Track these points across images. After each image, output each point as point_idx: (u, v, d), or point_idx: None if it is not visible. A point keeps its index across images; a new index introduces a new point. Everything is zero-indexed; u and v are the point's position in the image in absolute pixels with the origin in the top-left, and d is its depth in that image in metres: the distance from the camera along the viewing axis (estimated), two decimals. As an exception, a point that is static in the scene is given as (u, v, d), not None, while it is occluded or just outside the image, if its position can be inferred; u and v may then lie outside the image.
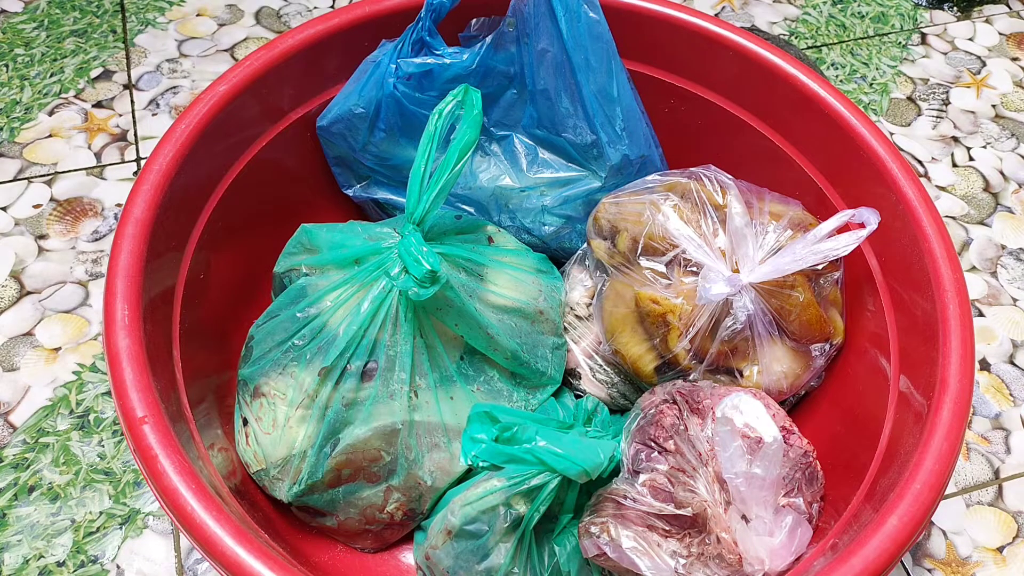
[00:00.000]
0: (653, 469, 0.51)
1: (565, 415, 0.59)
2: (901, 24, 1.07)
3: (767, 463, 0.50)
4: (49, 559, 0.61)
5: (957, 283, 0.51)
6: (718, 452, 0.50)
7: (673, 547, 0.49)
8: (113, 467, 0.65)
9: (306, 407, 0.53)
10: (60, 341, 0.72)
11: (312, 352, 0.53)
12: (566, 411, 0.60)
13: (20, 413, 0.68)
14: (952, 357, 0.48)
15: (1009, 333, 0.78)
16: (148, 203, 0.51)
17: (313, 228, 0.59)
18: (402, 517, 0.56)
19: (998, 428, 0.72)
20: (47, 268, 0.76)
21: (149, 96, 0.90)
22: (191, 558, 0.61)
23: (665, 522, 0.50)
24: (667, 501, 0.50)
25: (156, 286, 0.51)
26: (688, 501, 0.49)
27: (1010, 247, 0.85)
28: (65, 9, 0.99)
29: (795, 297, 0.56)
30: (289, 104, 0.62)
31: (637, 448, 0.53)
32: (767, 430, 0.51)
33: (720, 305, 0.55)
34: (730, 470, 0.50)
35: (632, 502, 0.50)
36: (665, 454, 0.52)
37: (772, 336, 0.56)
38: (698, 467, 0.51)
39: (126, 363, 0.45)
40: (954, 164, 0.92)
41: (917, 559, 0.65)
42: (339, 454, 0.53)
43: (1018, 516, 0.67)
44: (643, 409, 0.55)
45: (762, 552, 0.49)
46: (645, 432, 0.53)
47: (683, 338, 0.56)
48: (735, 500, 0.50)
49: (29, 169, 0.83)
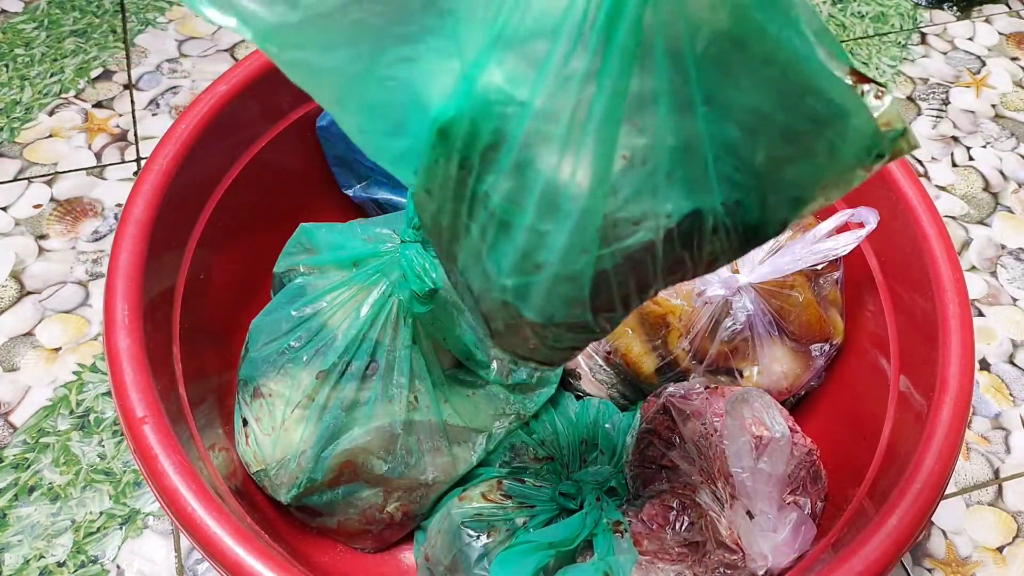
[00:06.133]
0: (656, 492, 0.52)
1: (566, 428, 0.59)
2: (901, 24, 1.07)
3: (774, 459, 0.50)
4: (49, 559, 0.61)
5: (957, 283, 0.51)
6: (726, 445, 0.50)
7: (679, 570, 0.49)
8: (113, 467, 0.65)
9: (304, 408, 0.53)
10: (60, 341, 0.72)
11: (310, 354, 0.53)
12: (565, 422, 0.60)
13: (20, 413, 0.68)
14: (952, 357, 0.48)
15: (1009, 333, 0.78)
16: (148, 203, 0.51)
17: (312, 228, 0.59)
18: (402, 517, 0.56)
19: (998, 428, 0.72)
20: (47, 268, 0.76)
21: (149, 96, 0.90)
22: (191, 558, 0.61)
23: (674, 544, 0.50)
24: (671, 526, 0.50)
25: (156, 286, 0.51)
26: (692, 520, 0.50)
27: (1010, 247, 0.85)
28: (65, 9, 0.99)
29: (795, 297, 0.56)
30: (289, 104, 0.62)
31: (637, 472, 0.53)
32: (776, 426, 0.52)
33: (720, 306, 0.55)
34: (736, 464, 0.50)
35: (638, 533, 0.51)
36: (665, 471, 0.52)
37: (772, 336, 0.56)
38: (696, 477, 0.51)
39: (126, 363, 0.45)
40: (954, 164, 0.92)
41: (917, 559, 0.65)
42: (338, 455, 0.53)
43: (1018, 516, 0.67)
44: (644, 419, 0.55)
45: (766, 548, 0.49)
46: (644, 454, 0.53)
47: (683, 339, 0.56)
48: (740, 495, 0.50)
49: (29, 169, 0.83)
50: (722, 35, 0.27)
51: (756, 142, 0.29)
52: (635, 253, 0.30)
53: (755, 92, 0.28)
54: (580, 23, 0.26)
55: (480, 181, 0.29)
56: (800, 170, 0.30)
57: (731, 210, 0.30)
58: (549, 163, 0.27)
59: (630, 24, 0.25)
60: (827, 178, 0.31)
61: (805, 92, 0.28)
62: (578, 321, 0.31)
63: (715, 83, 0.28)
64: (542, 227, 0.28)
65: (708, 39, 0.27)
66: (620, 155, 0.28)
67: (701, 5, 0.26)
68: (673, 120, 0.28)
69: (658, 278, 0.31)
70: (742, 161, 0.29)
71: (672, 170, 0.28)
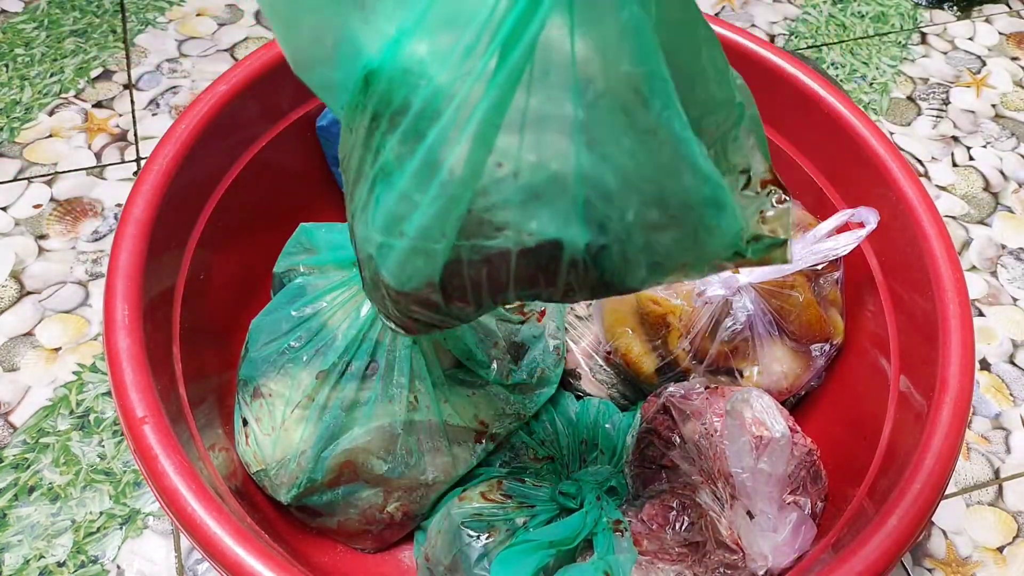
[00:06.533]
0: (656, 492, 0.52)
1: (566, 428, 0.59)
2: (901, 24, 1.07)
3: (774, 459, 0.50)
4: (49, 559, 0.61)
5: (957, 283, 0.51)
6: (726, 445, 0.50)
7: (679, 569, 0.49)
8: (113, 467, 0.65)
9: (304, 408, 0.53)
10: (60, 341, 0.72)
11: (310, 354, 0.53)
12: (565, 422, 0.60)
13: (20, 413, 0.68)
14: (952, 357, 0.48)
15: (1009, 333, 0.78)
16: (148, 203, 0.51)
17: (312, 228, 0.59)
18: (402, 518, 0.56)
19: (998, 428, 0.72)
20: (47, 268, 0.76)
21: (149, 96, 0.90)
22: (191, 558, 0.61)
23: (674, 544, 0.50)
24: (671, 526, 0.50)
25: (156, 286, 0.51)
26: (692, 520, 0.50)
27: (1010, 247, 0.85)
28: (65, 9, 0.99)
29: (795, 297, 0.56)
30: (289, 104, 0.62)
31: (637, 472, 0.53)
32: (776, 425, 0.52)
33: (720, 306, 0.55)
34: (737, 464, 0.50)
35: (638, 533, 0.50)
36: (665, 470, 0.52)
37: (772, 336, 0.56)
38: (696, 477, 0.51)
39: (126, 363, 0.45)
40: (954, 163, 0.92)
41: (917, 559, 0.65)
42: (338, 455, 0.53)
43: (1018, 516, 0.67)
44: (644, 419, 0.55)
45: (766, 548, 0.49)
46: (644, 454, 0.53)
47: (683, 339, 0.56)
48: (740, 495, 0.50)
49: (29, 169, 0.83)
50: (610, 96, 0.28)
51: (629, 199, 0.30)
52: (492, 255, 0.31)
53: (635, 155, 0.29)
54: (486, 22, 0.27)
55: (384, 136, 0.31)
56: (666, 240, 0.32)
57: (593, 253, 0.32)
58: (434, 141, 0.29)
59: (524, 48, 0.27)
60: (688, 258, 0.33)
61: (682, 173, 0.30)
62: (428, 298, 0.33)
63: (600, 132, 0.29)
64: (414, 196, 0.30)
65: (598, 94, 0.28)
66: (495, 161, 0.29)
67: (593, 66, 0.28)
68: (555, 147, 0.29)
69: (510, 287, 0.33)
70: (614, 211, 0.31)
71: (542, 194, 0.30)
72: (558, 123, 0.29)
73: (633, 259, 0.32)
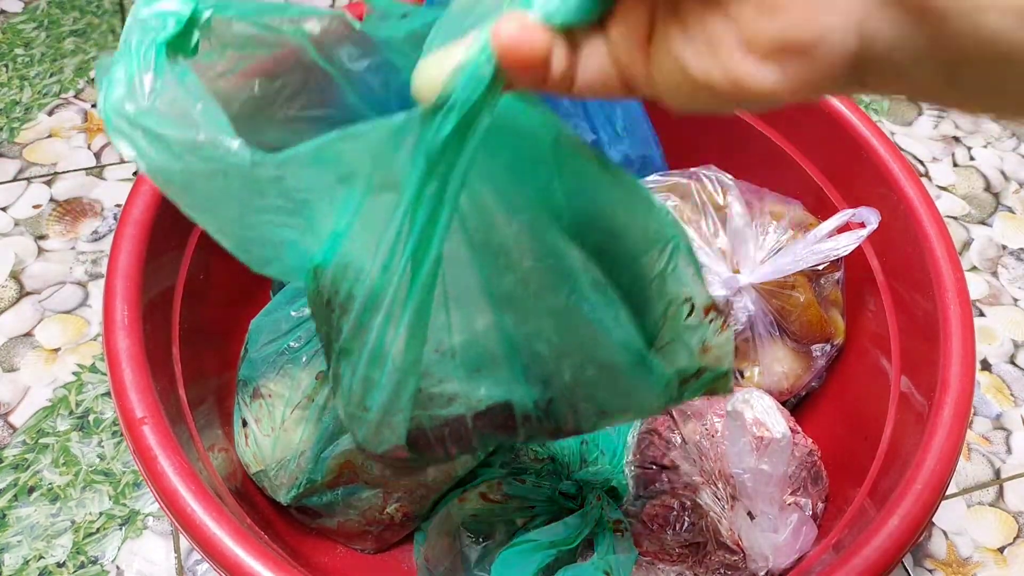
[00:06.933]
0: (656, 493, 0.51)
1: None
2: (901, 24, 1.07)
3: (775, 459, 0.50)
4: (49, 560, 0.61)
5: (958, 283, 0.51)
6: (727, 447, 0.50)
7: (680, 570, 0.49)
8: (113, 468, 0.65)
9: (304, 408, 0.53)
10: (60, 341, 0.72)
11: (309, 354, 0.53)
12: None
13: (20, 414, 0.68)
14: (953, 357, 0.48)
15: (1010, 333, 0.78)
16: (147, 203, 0.51)
17: (313, 228, 0.59)
18: (402, 518, 0.56)
19: (999, 428, 0.72)
20: (47, 268, 0.76)
21: (149, 96, 0.90)
22: (191, 559, 0.61)
23: (675, 545, 0.50)
24: (672, 527, 0.50)
25: (156, 286, 0.51)
26: (693, 520, 0.50)
27: (1011, 247, 0.85)
28: (65, 9, 0.99)
29: (796, 297, 0.56)
30: (289, 104, 0.62)
31: (638, 472, 0.53)
32: (776, 426, 0.52)
33: (721, 305, 0.55)
34: (738, 465, 0.50)
35: (639, 534, 0.50)
36: (665, 471, 0.52)
37: (773, 336, 0.56)
38: (697, 478, 0.51)
39: (126, 364, 0.45)
40: (955, 164, 0.92)
41: (918, 559, 0.65)
42: (338, 456, 0.53)
43: (1019, 516, 0.67)
44: (644, 419, 0.55)
45: (766, 549, 0.49)
46: (645, 455, 0.53)
47: (683, 338, 0.56)
48: (741, 496, 0.50)
49: (29, 169, 0.83)
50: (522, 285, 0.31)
51: (563, 362, 0.33)
52: (450, 420, 0.34)
53: (558, 331, 0.32)
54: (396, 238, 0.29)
55: (339, 320, 0.33)
56: (604, 394, 0.34)
57: (542, 408, 0.34)
58: (378, 332, 0.31)
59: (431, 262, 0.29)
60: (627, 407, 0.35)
61: (601, 345, 0.32)
62: (399, 458, 0.36)
63: (521, 315, 0.32)
64: (372, 376, 0.33)
65: (513, 282, 0.31)
66: (431, 348, 0.32)
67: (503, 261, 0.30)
68: (483, 330, 0.32)
69: (475, 441, 0.36)
70: (554, 371, 0.33)
71: (482, 367, 0.33)
72: (481, 312, 0.32)
73: (581, 409, 0.35)
